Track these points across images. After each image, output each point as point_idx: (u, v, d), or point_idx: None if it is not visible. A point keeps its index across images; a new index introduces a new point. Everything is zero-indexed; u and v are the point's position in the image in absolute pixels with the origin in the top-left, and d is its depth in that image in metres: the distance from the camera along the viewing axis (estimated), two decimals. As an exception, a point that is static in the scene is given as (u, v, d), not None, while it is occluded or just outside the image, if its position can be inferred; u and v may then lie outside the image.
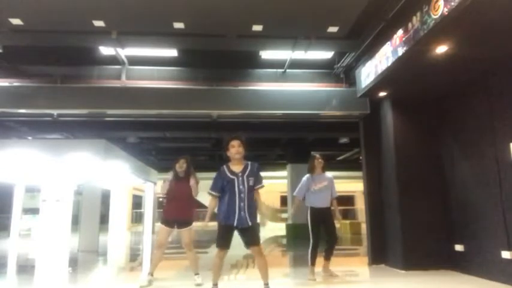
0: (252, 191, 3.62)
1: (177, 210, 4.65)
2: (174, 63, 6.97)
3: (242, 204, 3.54)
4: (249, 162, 3.69)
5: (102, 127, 8.51)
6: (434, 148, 5.72)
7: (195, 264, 4.75)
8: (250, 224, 3.56)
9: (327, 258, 5.14)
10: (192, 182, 4.72)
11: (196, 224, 4.91)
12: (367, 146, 6.44)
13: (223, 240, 3.62)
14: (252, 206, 3.62)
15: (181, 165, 4.71)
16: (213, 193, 3.67)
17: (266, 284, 3.64)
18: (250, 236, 3.64)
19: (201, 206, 8.35)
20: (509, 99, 4.40)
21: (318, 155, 5.25)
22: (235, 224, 3.54)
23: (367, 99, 6.26)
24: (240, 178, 3.58)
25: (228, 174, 3.61)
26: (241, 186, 3.56)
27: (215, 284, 3.72)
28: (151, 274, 4.68)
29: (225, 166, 3.67)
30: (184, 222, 4.66)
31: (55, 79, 6.77)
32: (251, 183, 3.59)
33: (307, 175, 5.22)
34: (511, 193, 4.34)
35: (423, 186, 5.57)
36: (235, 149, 3.58)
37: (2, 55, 6.07)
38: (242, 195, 3.55)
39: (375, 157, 6.23)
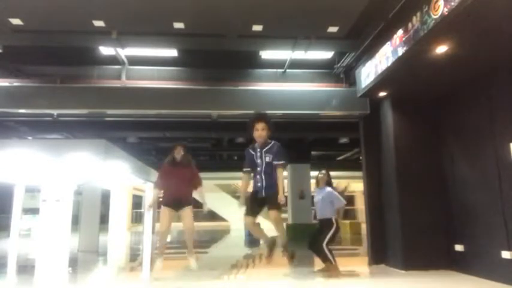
0: (270, 166, 3.79)
1: (176, 191, 4.71)
2: (174, 63, 6.97)
3: (258, 176, 3.80)
4: (272, 142, 3.89)
5: (102, 127, 8.51)
6: (434, 148, 5.72)
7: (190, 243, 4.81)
8: (264, 195, 3.76)
9: None
10: (199, 189, 4.86)
11: (198, 224, 4.93)
12: (367, 146, 6.44)
13: (247, 208, 3.86)
14: (269, 180, 3.79)
15: (178, 151, 4.82)
16: (245, 169, 3.92)
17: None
18: (268, 203, 3.81)
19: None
20: (509, 99, 4.40)
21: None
22: (254, 192, 3.83)
23: (367, 99, 6.25)
24: (258, 153, 3.83)
25: (250, 151, 3.89)
26: (258, 160, 3.82)
27: (271, 237, 3.99)
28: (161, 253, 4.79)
29: (249, 146, 3.95)
30: (185, 202, 4.70)
31: (55, 79, 6.76)
32: (268, 159, 3.78)
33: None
34: (511, 193, 4.34)
35: (423, 186, 5.57)
36: (258, 132, 3.80)
37: (2, 55, 6.06)
38: (259, 168, 3.80)
39: (374, 157, 6.22)
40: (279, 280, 5.13)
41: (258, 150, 3.83)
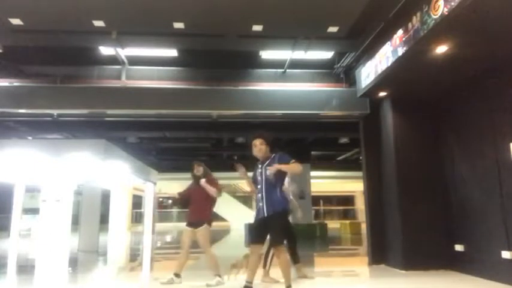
0: (270, 184, 3.60)
1: (194, 212, 4.75)
2: (174, 63, 6.97)
3: (260, 195, 3.62)
4: (273, 155, 3.74)
5: (102, 127, 8.51)
6: (435, 148, 5.72)
7: (213, 266, 4.65)
8: (266, 214, 3.56)
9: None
10: (210, 188, 4.76)
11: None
12: (367, 146, 6.44)
13: (251, 235, 3.76)
14: (270, 198, 3.58)
15: (198, 170, 4.83)
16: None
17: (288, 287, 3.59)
18: (269, 232, 3.67)
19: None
20: (509, 99, 4.40)
21: None
22: (256, 216, 3.67)
23: (367, 99, 6.25)
24: (259, 169, 3.71)
25: (258, 165, 3.78)
26: (259, 178, 3.68)
27: (249, 282, 3.67)
28: (177, 274, 4.65)
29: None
30: (199, 223, 4.66)
31: (55, 79, 6.76)
32: (268, 173, 3.56)
33: None
34: (511, 193, 4.34)
35: (423, 186, 5.57)
36: (256, 148, 3.75)
37: (2, 55, 6.06)
38: (259, 186, 3.66)
39: (375, 157, 6.22)
40: (279, 280, 5.12)
41: (260, 166, 3.75)
